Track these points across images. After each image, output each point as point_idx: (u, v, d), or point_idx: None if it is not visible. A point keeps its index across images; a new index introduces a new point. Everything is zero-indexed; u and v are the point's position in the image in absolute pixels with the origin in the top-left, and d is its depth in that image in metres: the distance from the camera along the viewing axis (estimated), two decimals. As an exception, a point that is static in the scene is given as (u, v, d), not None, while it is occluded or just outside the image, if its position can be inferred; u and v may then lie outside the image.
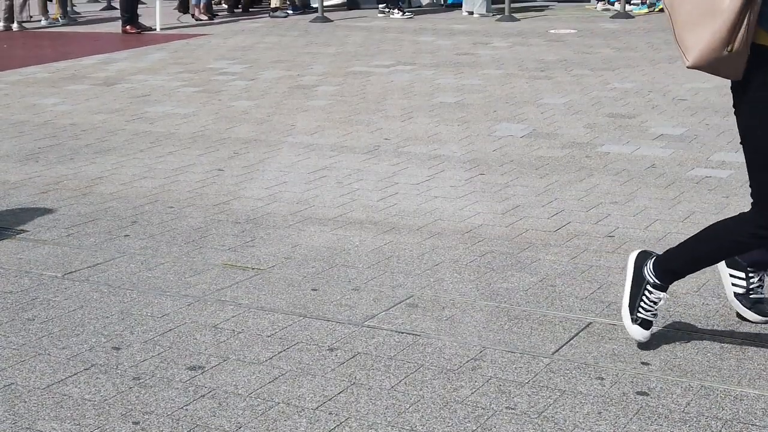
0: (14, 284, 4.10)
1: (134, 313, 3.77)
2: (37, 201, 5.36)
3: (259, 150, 6.47)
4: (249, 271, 4.21)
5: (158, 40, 12.91)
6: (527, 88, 8.56)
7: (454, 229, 4.73)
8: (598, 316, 3.67)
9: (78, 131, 7.19)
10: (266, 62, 10.56)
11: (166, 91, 8.91)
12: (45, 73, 10.15)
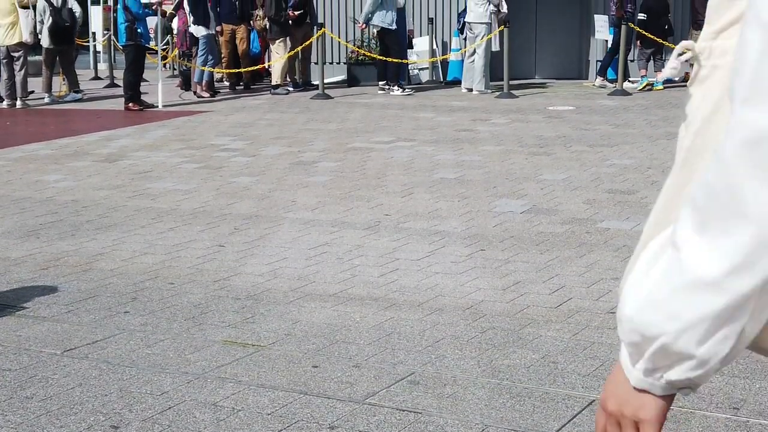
0: (13, 362, 4.08)
1: (133, 390, 3.75)
2: (37, 277, 5.36)
3: (260, 226, 6.49)
4: (249, 347, 4.19)
5: (160, 116, 13.02)
6: (526, 164, 8.61)
7: (455, 305, 4.72)
8: (601, 393, 3.64)
9: (79, 207, 7.21)
10: (267, 138, 10.64)
11: (167, 167, 8.96)
12: (47, 149, 10.22)
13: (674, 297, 1.07)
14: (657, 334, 1.09)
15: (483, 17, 14.65)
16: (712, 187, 1.03)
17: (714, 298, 1.04)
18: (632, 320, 1.12)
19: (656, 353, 1.10)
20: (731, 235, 1.02)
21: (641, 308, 1.11)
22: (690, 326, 1.06)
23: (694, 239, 1.05)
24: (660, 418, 1.15)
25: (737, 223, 1.01)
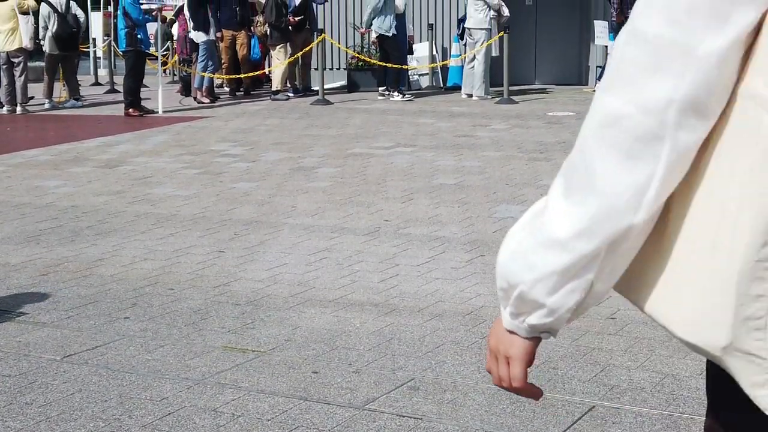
0: (13, 367, 4.07)
1: (133, 396, 3.74)
2: (37, 283, 5.36)
3: (260, 231, 6.49)
4: (249, 353, 4.19)
5: (160, 122, 13.03)
6: (526, 169, 8.61)
7: (455, 310, 4.72)
8: (601, 399, 3.64)
9: (79, 213, 7.21)
10: (267, 144, 10.64)
11: (167, 173, 8.97)
12: (47, 155, 10.23)
13: (532, 251, 1.21)
14: (517, 282, 1.24)
15: (483, 23, 14.66)
16: (574, 160, 1.19)
17: (561, 256, 1.18)
18: (501, 266, 1.28)
19: (517, 299, 1.25)
20: (582, 204, 1.16)
21: (509, 257, 1.26)
22: (541, 278, 1.20)
23: (558, 203, 1.19)
24: (525, 357, 1.30)
25: (588, 194, 1.16)
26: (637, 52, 1.13)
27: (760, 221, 1.07)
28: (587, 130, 1.17)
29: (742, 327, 1.09)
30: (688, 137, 1.12)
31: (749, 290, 1.08)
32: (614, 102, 1.14)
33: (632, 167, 1.13)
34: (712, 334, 1.12)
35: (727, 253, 1.10)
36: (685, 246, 1.15)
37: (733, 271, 1.09)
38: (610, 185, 1.14)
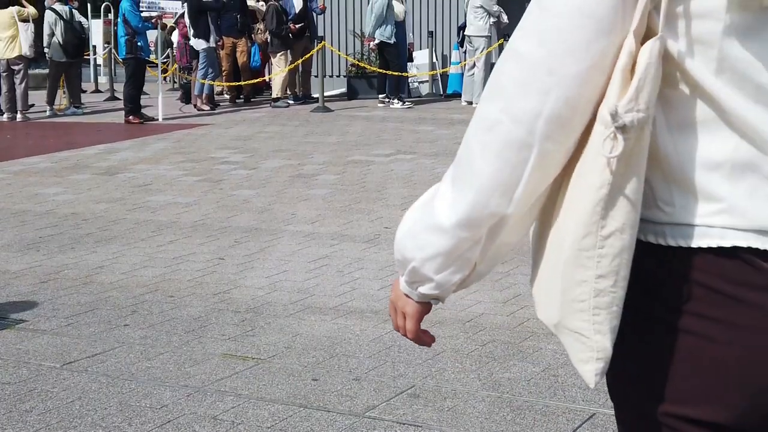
0: (12, 375, 4.07)
1: (133, 404, 3.74)
2: (37, 290, 5.35)
3: (260, 239, 6.48)
4: (249, 360, 4.19)
5: (160, 129, 13.04)
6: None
7: (455, 318, 4.72)
8: (602, 406, 3.63)
9: (79, 220, 7.21)
10: (267, 151, 10.65)
11: (167, 180, 8.97)
12: (48, 162, 10.23)
13: (423, 233, 1.37)
14: (410, 258, 1.40)
15: (483, 30, 14.68)
16: (461, 154, 1.34)
17: (445, 241, 1.34)
18: (398, 242, 1.43)
19: (410, 272, 1.41)
20: (464, 196, 1.31)
21: (405, 234, 1.42)
22: (429, 258, 1.37)
23: (447, 192, 1.35)
24: (417, 315, 1.49)
25: (468, 187, 1.31)
26: (513, 68, 1.28)
27: (582, 215, 1.25)
28: (471, 130, 1.32)
29: (568, 308, 1.28)
30: (554, 147, 1.26)
31: (573, 276, 1.27)
32: (492, 110, 1.29)
33: (503, 168, 1.28)
34: (548, 312, 1.33)
35: (561, 243, 1.29)
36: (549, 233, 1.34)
37: (561, 259, 1.28)
38: (485, 182, 1.30)
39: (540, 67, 1.25)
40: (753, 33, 1.24)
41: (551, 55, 1.24)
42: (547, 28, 1.25)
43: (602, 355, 1.29)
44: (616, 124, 1.21)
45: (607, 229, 1.24)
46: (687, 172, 1.26)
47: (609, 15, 1.23)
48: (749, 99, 1.24)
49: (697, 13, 1.23)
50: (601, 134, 1.22)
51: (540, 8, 1.27)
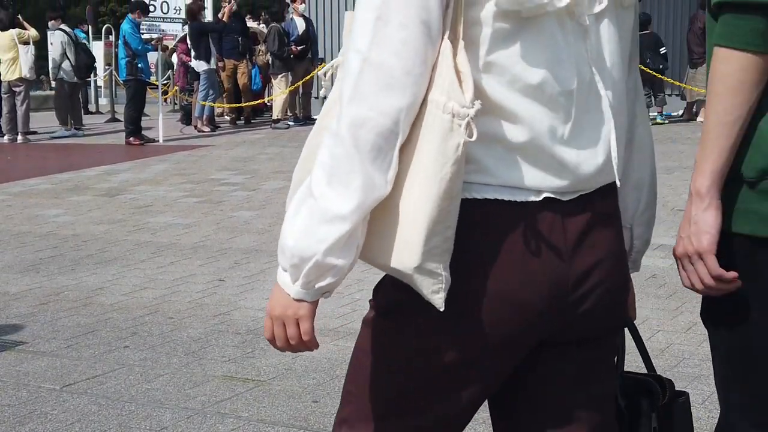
0: (12, 397, 4.06)
1: (132, 426, 3.73)
2: (36, 312, 5.35)
3: (260, 260, 6.48)
4: (249, 382, 4.18)
5: (161, 151, 13.06)
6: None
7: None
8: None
9: (80, 242, 7.22)
10: (267, 173, 10.66)
11: (167, 201, 8.98)
12: (48, 184, 10.24)
13: (320, 227, 1.56)
14: (311, 254, 1.57)
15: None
16: (334, 154, 1.56)
17: (344, 226, 1.55)
18: (294, 248, 1.59)
19: (312, 268, 1.58)
20: (351, 185, 1.54)
21: (299, 238, 1.58)
22: (333, 245, 1.56)
23: (325, 190, 1.56)
24: (312, 315, 1.65)
25: (354, 176, 1.54)
26: (374, 75, 1.54)
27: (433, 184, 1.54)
28: (342, 130, 1.56)
29: (428, 254, 1.55)
30: (407, 132, 1.57)
31: (434, 229, 1.55)
32: (360, 110, 1.54)
33: (380, 153, 1.55)
34: (406, 260, 1.57)
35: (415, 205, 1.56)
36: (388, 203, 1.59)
37: (420, 218, 1.55)
38: (368, 167, 1.55)
39: (398, 71, 1.54)
40: (514, 36, 1.58)
41: (405, 60, 1.54)
42: (397, 39, 1.54)
43: (446, 286, 1.58)
44: (466, 114, 1.53)
45: (455, 192, 1.56)
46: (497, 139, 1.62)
47: (437, 23, 1.55)
48: (508, 87, 1.59)
49: (472, 21, 1.57)
50: (448, 122, 1.54)
51: (381, 20, 1.55)
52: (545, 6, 1.57)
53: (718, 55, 1.77)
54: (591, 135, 1.66)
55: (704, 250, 1.83)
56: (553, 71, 1.60)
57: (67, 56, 15.10)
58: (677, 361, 4.32)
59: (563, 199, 1.65)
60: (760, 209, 1.79)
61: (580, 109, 1.64)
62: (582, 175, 1.66)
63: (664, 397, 1.90)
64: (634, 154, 1.84)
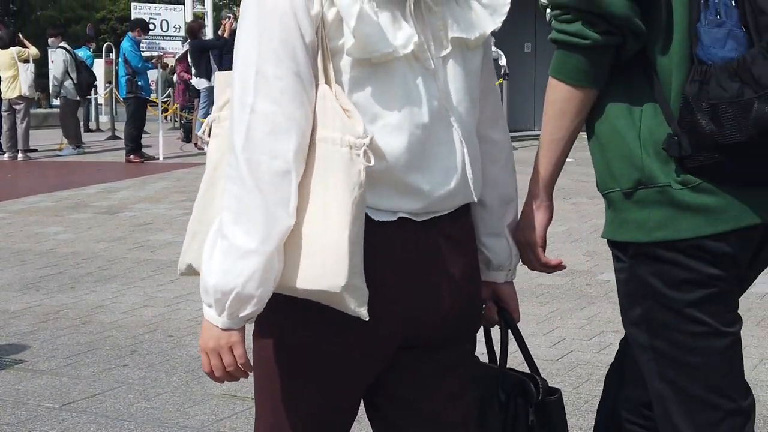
0: (11, 416, 4.05)
1: (132, 445, 3.72)
2: (36, 330, 5.34)
3: (260, 278, 6.47)
4: (248, 401, 4.17)
5: (161, 169, 13.07)
6: (526, 215, 8.61)
7: (456, 358, 4.70)
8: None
9: (79, 260, 7.21)
10: (267, 191, 10.65)
11: (167, 219, 8.98)
12: (48, 201, 10.25)
13: (236, 263, 1.76)
14: (231, 288, 1.77)
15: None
16: (237, 196, 1.77)
17: (257, 258, 1.75)
18: (216, 285, 1.79)
19: (233, 302, 1.79)
20: (256, 222, 1.75)
21: (218, 276, 1.78)
22: (249, 278, 1.75)
23: (235, 230, 1.76)
24: (243, 340, 1.87)
25: (258, 213, 1.75)
26: (261, 123, 1.76)
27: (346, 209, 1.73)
28: (241, 175, 1.77)
29: (353, 271, 1.74)
30: (302, 170, 1.78)
31: (355, 251, 1.74)
32: (253, 155, 1.76)
33: (278, 191, 1.76)
34: (336, 280, 1.73)
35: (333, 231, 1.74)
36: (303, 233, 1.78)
37: (342, 239, 1.73)
38: (270, 204, 1.75)
39: (280, 117, 1.76)
40: (370, 79, 1.81)
41: (284, 107, 1.76)
42: (276, 89, 1.76)
43: (367, 299, 1.77)
44: (363, 144, 1.74)
45: (362, 215, 1.76)
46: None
47: (308, 73, 1.78)
48: (369, 124, 1.80)
49: (336, 69, 1.81)
50: (347, 154, 1.75)
51: (260, 74, 1.77)
52: (392, 54, 1.81)
53: (550, 83, 2.04)
54: (443, 163, 1.90)
55: (533, 242, 2.14)
56: (406, 108, 1.84)
57: (69, 74, 15.14)
58: (678, 379, 4.32)
59: (417, 219, 1.88)
60: (637, 217, 2.00)
61: (433, 141, 1.88)
62: (435, 199, 1.89)
63: (538, 394, 2.14)
64: (500, 173, 2.11)
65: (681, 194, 1.93)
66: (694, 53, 1.88)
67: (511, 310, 2.19)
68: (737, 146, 1.83)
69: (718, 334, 1.99)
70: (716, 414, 2.01)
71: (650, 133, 1.95)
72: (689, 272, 1.96)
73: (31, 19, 38.04)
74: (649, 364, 2.06)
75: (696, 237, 1.94)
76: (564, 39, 1.97)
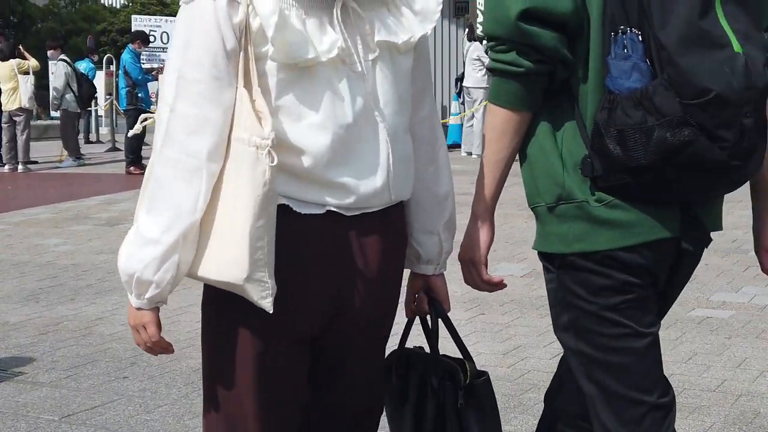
0: (11, 428, 4.04)
1: (131, 457, 3.71)
2: (36, 342, 5.34)
3: (260, 290, 6.46)
4: (248, 413, 4.16)
5: (161, 180, 13.05)
6: (526, 227, 8.62)
7: (456, 370, 4.69)
8: None
9: (79, 272, 7.21)
10: (267, 202, 10.65)
11: (167, 231, 8.96)
12: (48, 213, 10.25)
13: (138, 250, 1.98)
14: (133, 272, 1.99)
15: (481, 82, 14.77)
16: (152, 191, 1.97)
17: (157, 247, 1.95)
18: (122, 269, 2.01)
19: (136, 284, 2.01)
20: (163, 213, 1.94)
21: (125, 260, 2.00)
22: (147, 264, 1.97)
23: (147, 220, 1.97)
24: (154, 320, 2.16)
25: (167, 206, 1.94)
26: (179, 123, 1.92)
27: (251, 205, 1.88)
28: (158, 169, 1.95)
29: (254, 265, 1.90)
30: (215, 167, 1.93)
31: (255, 244, 1.89)
32: (171, 153, 1.93)
33: (188, 187, 1.92)
34: (236, 272, 1.92)
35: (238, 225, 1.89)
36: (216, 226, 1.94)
37: (245, 234, 1.88)
38: (178, 198, 1.92)
39: (199, 118, 1.91)
40: (296, 82, 1.95)
41: (204, 108, 1.91)
42: (194, 92, 1.91)
43: (273, 291, 1.94)
44: (266, 144, 1.87)
45: (270, 211, 1.90)
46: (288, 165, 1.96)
47: (227, 77, 1.92)
48: (295, 123, 1.95)
49: (261, 72, 1.93)
50: (253, 153, 1.88)
51: (181, 78, 1.92)
52: (315, 59, 1.94)
53: (489, 108, 2.22)
54: (369, 161, 2.02)
55: (476, 260, 2.35)
56: (330, 109, 1.96)
57: (70, 87, 15.16)
58: (678, 391, 4.31)
59: (347, 214, 2.02)
60: (559, 231, 2.15)
61: (359, 139, 2.00)
62: (362, 195, 2.02)
63: (466, 378, 2.30)
64: (438, 172, 2.26)
65: (597, 210, 2.09)
66: (605, 83, 2.04)
67: (441, 300, 2.39)
68: (641, 169, 2.00)
69: (638, 335, 2.15)
70: (640, 409, 2.17)
71: (570, 154, 2.12)
72: (606, 279, 2.12)
73: (32, 31, 38.08)
74: (579, 368, 2.22)
75: (611, 249, 2.09)
76: (501, 68, 2.12)
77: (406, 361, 2.44)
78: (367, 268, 2.08)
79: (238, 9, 1.91)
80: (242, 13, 1.91)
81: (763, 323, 5.42)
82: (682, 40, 1.97)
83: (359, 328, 2.15)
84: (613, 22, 2.03)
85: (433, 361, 2.34)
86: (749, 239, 2.42)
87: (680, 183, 2.03)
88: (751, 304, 5.83)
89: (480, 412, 2.31)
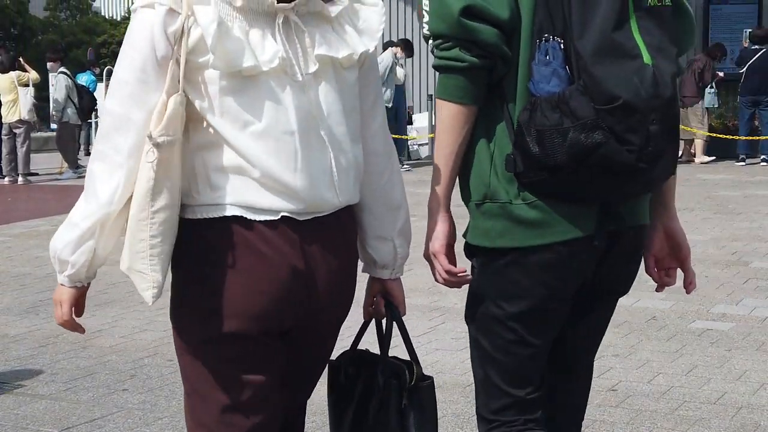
0: (10, 440, 4.04)
1: (131, 470, 3.70)
2: (36, 354, 5.33)
3: (260, 302, 6.46)
4: (248, 426, 4.15)
5: (161, 192, 13.05)
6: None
7: (455, 382, 4.69)
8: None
9: (79, 284, 7.19)
10: (267, 214, 10.65)
11: (167, 243, 8.96)
12: (48, 225, 10.25)
13: (63, 231, 2.14)
14: (55, 251, 2.15)
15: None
16: (86, 180, 2.12)
17: (74, 230, 2.12)
18: (50, 246, 2.17)
19: (57, 262, 2.17)
20: (88, 201, 2.11)
21: (54, 237, 2.16)
22: (66, 245, 2.13)
23: (78, 204, 2.13)
24: (70, 300, 2.27)
25: (91, 195, 2.10)
26: (108, 120, 2.07)
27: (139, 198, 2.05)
28: (91, 162, 2.11)
29: (135, 256, 2.09)
30: (134, 165, 2.06)
31: (136, 236, 2.06)
32: (100, 146, 2.09)
33: (109, 180, 2.07)
34: (122, 262, 2.11)
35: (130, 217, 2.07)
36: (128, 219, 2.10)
37: (130, 226, 2.07)
38: (99, 190, 2.08)
39: (123, 117, 2.05)
40: (240, 90, 2.04)
41: (128, 109, 2.05)
42: (123, 93, 2.06)
43: (156, 285, 2.14)
44: (153, 142, 2.00)
45: (154, 207, 2.04)
46: (206, 173, 2.09)
47: (154, 81, 2.03)
48: (240, 130, 2.05)
49: (204, 80, 2.04)
50: (146, 149, 2.02)
51: (116, 80, 2.06)
52: (255, 68, 2.03)
53: (437, 103, 2.32)
54: (316, 167, 2.12)
55: (436, 251, 2.48)
56: (272, 117, 2.06)
57: (71, 99, 15.19)
58: (678, 404, 4.30)
59: (300, 219, 2.11)
60: (483, 225, 2.36)
61: (305, 146, 2.10)
62: (312, 201, 2.12)
63: (411, 380, 2.39)
64: (385, 184, 2.35)
65: (518, 209, 2.27)
66: (528, 86, 2.21)
67: (397, 303, 2.48)
68: (557, 167, 2.16)
69: (527, 344, 2.36)
70: (507, 400, 2.40)
71: (500, 152, 2.28)
72: (521, 279, 2.30)
73: (32, 43, 38.11)
74: (474, 354, 2.47)
75: (530, 246, 2.26)
76: (445, 64, 2.25)
77: (357, 361, 2.56)
78: (326, 267, 2.18)
79: (176, 19, 2.01)
80: (179, 22, 2.01)
81: (763, 335, 5.42)
82: (597, 50, 2.12)
83: (319, 325, 2.31)
84: (540, 30, 2.19)
85: (382, 361, 2.44)
86: (749, 251, 2.43)
87: (592, 184, 2.19)
88: (751, 317, 5.83)
89: (421, 415, 2.41)
